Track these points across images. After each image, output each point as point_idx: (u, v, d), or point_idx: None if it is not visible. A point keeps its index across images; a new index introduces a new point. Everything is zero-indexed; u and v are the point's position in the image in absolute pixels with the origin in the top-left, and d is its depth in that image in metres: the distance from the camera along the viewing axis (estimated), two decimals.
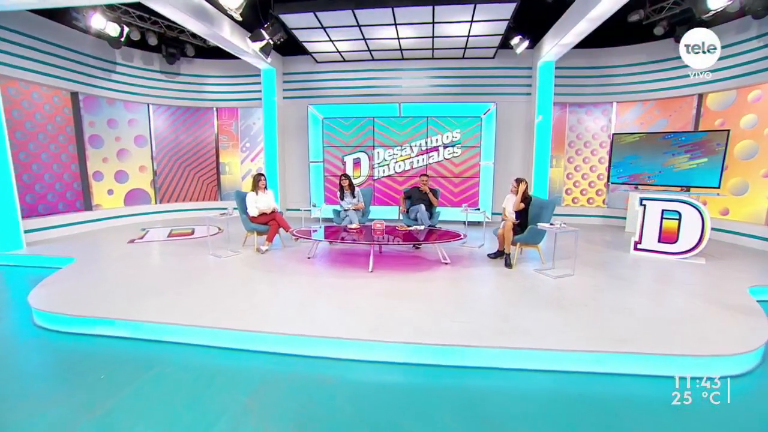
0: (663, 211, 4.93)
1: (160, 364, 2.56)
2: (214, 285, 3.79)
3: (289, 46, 7.34)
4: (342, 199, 5.83)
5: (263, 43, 6.27)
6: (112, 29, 5.95)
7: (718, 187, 5.84)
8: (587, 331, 2.80)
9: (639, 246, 5.14)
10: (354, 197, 5.86)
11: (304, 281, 3.96)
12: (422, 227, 5.24)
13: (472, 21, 6.08)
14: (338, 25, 6.31)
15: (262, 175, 5.27)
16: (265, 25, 6.11)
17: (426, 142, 7.59)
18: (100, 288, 3.68)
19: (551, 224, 4.30)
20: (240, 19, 4.96)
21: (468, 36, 6.66)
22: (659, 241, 4.98)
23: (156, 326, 2.91)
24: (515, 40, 6.75)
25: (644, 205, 5.06)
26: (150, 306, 3.21)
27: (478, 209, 6.26)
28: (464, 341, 2.63)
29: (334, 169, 7.78)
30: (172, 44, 7.51)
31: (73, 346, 2.85)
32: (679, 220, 4.80)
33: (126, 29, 6.21)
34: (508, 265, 4.52)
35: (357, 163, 7.73)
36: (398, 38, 6.83)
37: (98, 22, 5.90)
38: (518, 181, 4.81)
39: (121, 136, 7.61)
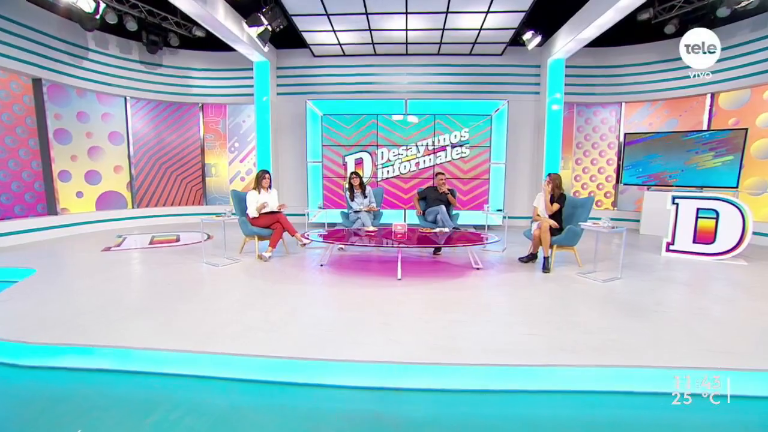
0: (698, 209, 4.65)
1: (162, 406, 1.89)
2: (215, 300, 3.11)
3: (284, 38, 6.76)
4: (352, 199, 5.25)
5: (261, 29, 5.69)
6: (86, 3, 5.17)
7: (736, 187, 5.68)
8: (689, 345, 2.35)
9: (671, 247, 4.83)
10: (365, 197, 5.31)
11: (326, 293, 3.36)
12: (446, 230, 4.74)
13: (487, 12, 5.74)
14: (344, 12, 5.81)
15: (267, 171, 4.63)
16: (264, 9, 5.54)
17: (433, 142, 7.15)
18: (70, 306, 2.92)
19: (595, 223, 3.91)
20: None
21: (480, 29, 6.32)
22: (694, 241, 4.69)
23: (150, 354, 2.22)
24: (527, 35, 6.47)
25: (677, 204, 4.78)
26: (138, 328, 2.52)
27: (501, 210, 5.82)
28: (555, 359, 2.12)
29: (336, 167, 7.19)
30: (154, 31, 6.76)
31: (35, 385, 2.12)
32: (717, 219, 4.53)
33: (102, 5, 5.43)
34: (546, 269, 4.10)
35: (359, 163, 7.18)
36: (406, 30, 6.40)
37: None
38: (553, 176, 4.36)
39: (94, 132, 6.72)
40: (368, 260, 4.59)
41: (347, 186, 5.35)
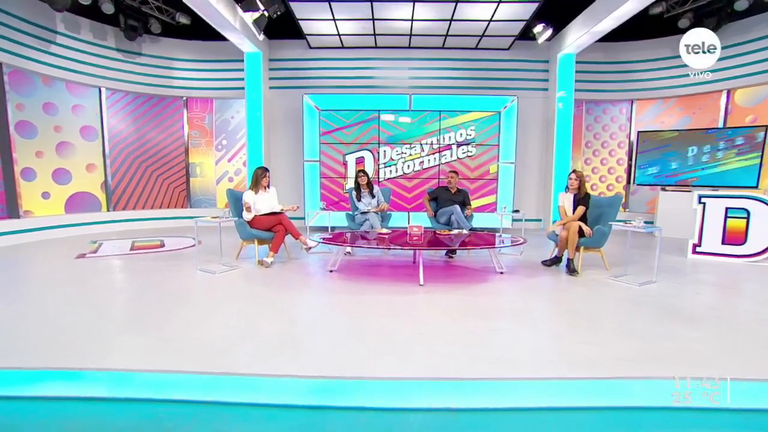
0: (727, 209, 4.63)
1: None
2: (221, 311, 2.85)
3: (276, 28, 6.54)
4: (359, 199, 5.03)
5: (257, 14, 5.46)
6: None
7: (756, 187, 5.74)
8: None
9: (698, 249, 4.80)
10: (373, 197, 5.10)
11: (345, 301, 3.14)
12: (465, 231, 4.58)
13: (500, 1, 5.67)
14: None
15: (267, 169, 4.38)
16: None
17: (438, 140, 7.03)
18: (48, 323, 2.60)
19: (628, 222, 3.83)
20: None
21: (490, 20, 6.25)
22: (723, 242, 4.67)
23: (154, 377, 1.95)
24: (538, 28, 6.45)
25: (703, 204, 4.75)
26: (135, 346, 2.23)
27: (518, 211, 5.70)
28: (622, 371, 1.97)
29: (337, 165, 6.97)
30: (133, 16, 6.43)
31: (11, 420, 1.81)
32: (748, 218, 4.52)
33: None
34: (573, 272, 3.99)
35: (360, 161, 6.98)
36: (412, 20, 6.27)
37: None
38: (578, 174, 4.26)
39: (63, 126, 6.30)
40: (378, 265, 4.44)
41: (353, 185, 5.14)
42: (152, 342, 2.27)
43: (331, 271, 3.98)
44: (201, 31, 6.49)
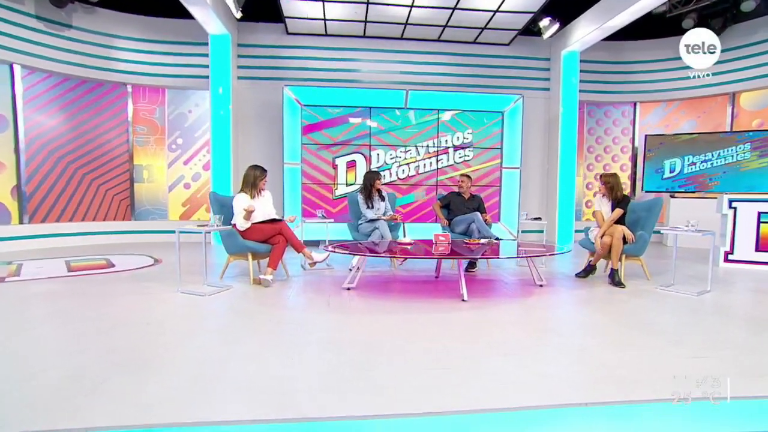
0: (759, 213, 4.94)
1: None
2: (234, 341, 2.50)
3: (246, 8, 6.21)
4: (370, 206, 4.80)
5: None
6: None
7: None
8: None
9: (730, 257, 5.05)
10: (383, 201, 4.91)
11: (391, 323, 2.94)
12: (493, 240, 4.52)
13: None
14: None
15: (266, 170, 4.04)
16: None
17: (436, 142, 7.02)
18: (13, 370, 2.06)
19: (679, 227, 3.93)
20: None
21: (495, 11, 6.40)
22: (757, 249, 4.95)
23: None
24: (544, 22, 6.73)
25: (734, 208, 5.04)
26: (123, 399, 1.80)
27: (539, 218, 5.72)
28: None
29: (324, 169, 6.68)
30: None
31: None
32: None
33: None
34: (619, 283, 4.03)
35: (351, 165, 6.75)
36: (411, 5, 6.26)
37: None
38: (604, 179, 4.38)
39: None
40: (393, 281, 4.35)
41: (360, 189, 4.93)
42: (136, 392, 1.85)
43: (348, 289, 3.71)
44: (151, 3, 6.02)
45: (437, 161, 7.10)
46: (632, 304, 3.45)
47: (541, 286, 4.00)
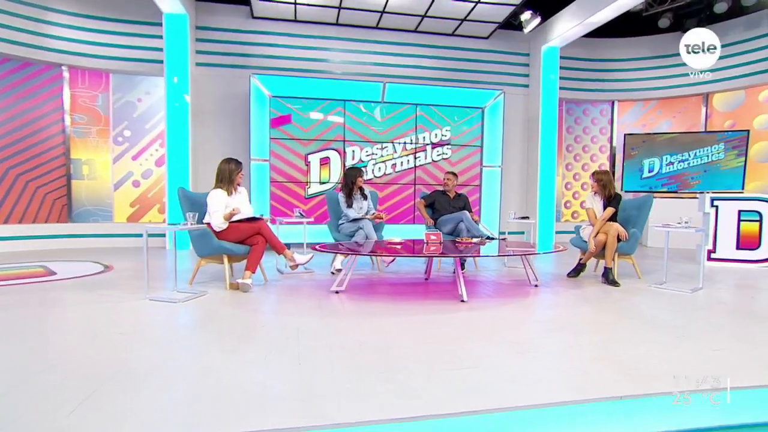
0: (740, 212, 5.34)
1: None
2: (235, 350, 2.38)
3: None
4: (350, 205, 4.75)
5: None
6: None
7: (742, 190, 6.78)
8: None
9: (713, 255, 5.43)
10: (365, 200, 4.88)
11: (394, 325, 2.92)
12: (486, 239, 4.62)
13: None
14: None
15: (241, 163, 3.92)
16: None
17: (413, 138, 7.11)
18: None
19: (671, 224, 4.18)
20: None
21: (478, 1, 6.57)
22: (738, 247, 5.34)
23: None
24: (526, 15, 6.97)
25: (716, 207, 5.43)
26: (116, 416, 1.68)
27: (527, 217, 5.88)
28: None
29: (300, 161, 6.56)
30: None
31: None
32: (761, 221, 5.25)
33: None
34: (614, 282, 4.23)
35: (325, 162, 6.68)
36: None
37: None
38: (597, 177, 4.60)
39: None
40: (381, 283, 4.42)
41: (341, 188, 4.89)
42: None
43: (337, 292, 3.67)
44: None
45: (415, 158, 7.17)
46: (631, 302, 3.64)
47: (536, 286, 4.13)
